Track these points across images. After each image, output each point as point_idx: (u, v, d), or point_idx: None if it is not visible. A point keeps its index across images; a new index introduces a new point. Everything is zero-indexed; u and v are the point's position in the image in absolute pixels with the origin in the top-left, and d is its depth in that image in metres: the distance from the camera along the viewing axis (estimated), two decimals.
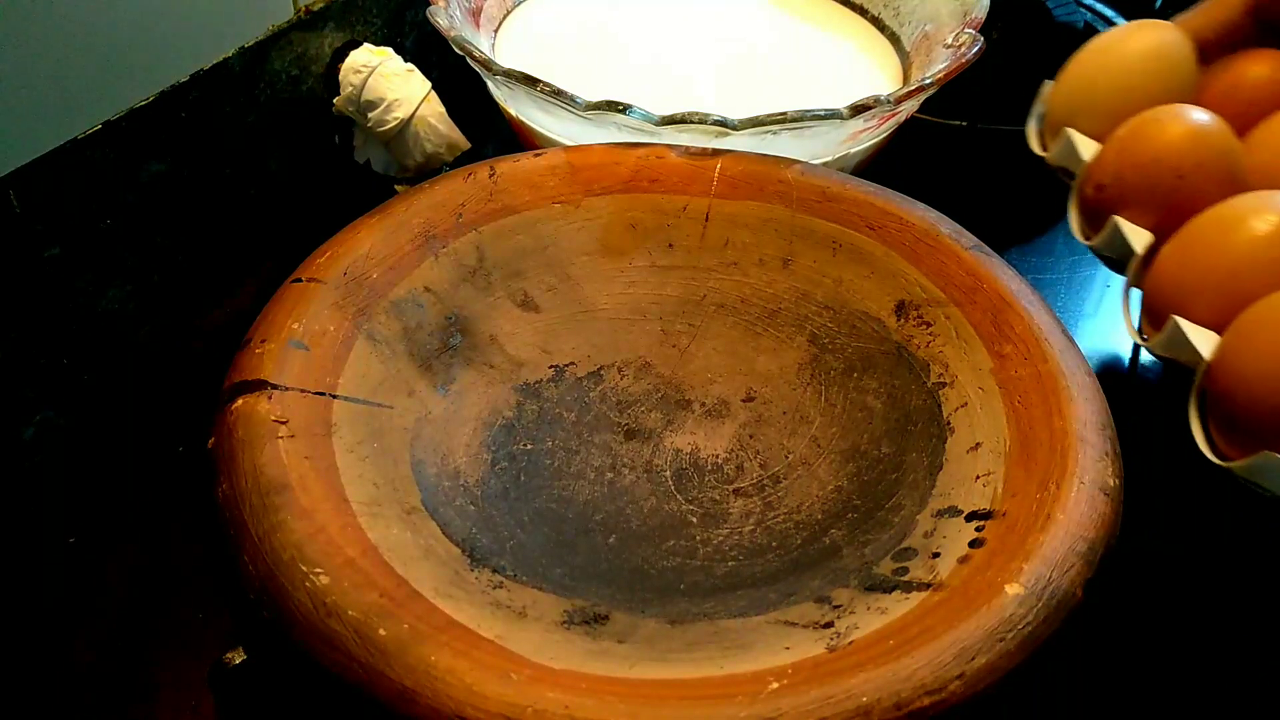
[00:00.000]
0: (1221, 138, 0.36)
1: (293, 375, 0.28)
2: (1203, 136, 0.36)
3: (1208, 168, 0.36)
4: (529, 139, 0.44)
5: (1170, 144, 0.36)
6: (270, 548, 0.24)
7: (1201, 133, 0.36)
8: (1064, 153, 0.40)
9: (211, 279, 0.42)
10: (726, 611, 0.26)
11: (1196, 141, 0.36)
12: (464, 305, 0.34)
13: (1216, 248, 0.33)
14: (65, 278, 0.35)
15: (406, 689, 0.22)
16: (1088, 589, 0.25)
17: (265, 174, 0.44)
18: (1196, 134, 0.36)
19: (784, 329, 0.35)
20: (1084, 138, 0.40)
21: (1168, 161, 0.36)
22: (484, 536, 0.28)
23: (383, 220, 0.33)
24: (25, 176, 0.33)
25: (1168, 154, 0.36)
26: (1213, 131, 0.36)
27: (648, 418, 0.34)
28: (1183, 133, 0.36)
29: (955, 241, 0.34)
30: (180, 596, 0.34)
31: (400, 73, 0.45)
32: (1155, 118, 0.37)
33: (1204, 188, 0.35)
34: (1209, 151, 0.36)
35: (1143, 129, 0.37)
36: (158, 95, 0.37)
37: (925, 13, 0.49)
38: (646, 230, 0.36)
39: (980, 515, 0.27)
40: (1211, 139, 0.36)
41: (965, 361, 0.32)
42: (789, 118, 0.38)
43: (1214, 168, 0.36)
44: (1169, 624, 0.35)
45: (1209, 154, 0.36)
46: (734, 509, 0.31)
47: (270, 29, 0.42)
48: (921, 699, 0.22)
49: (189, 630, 0.33)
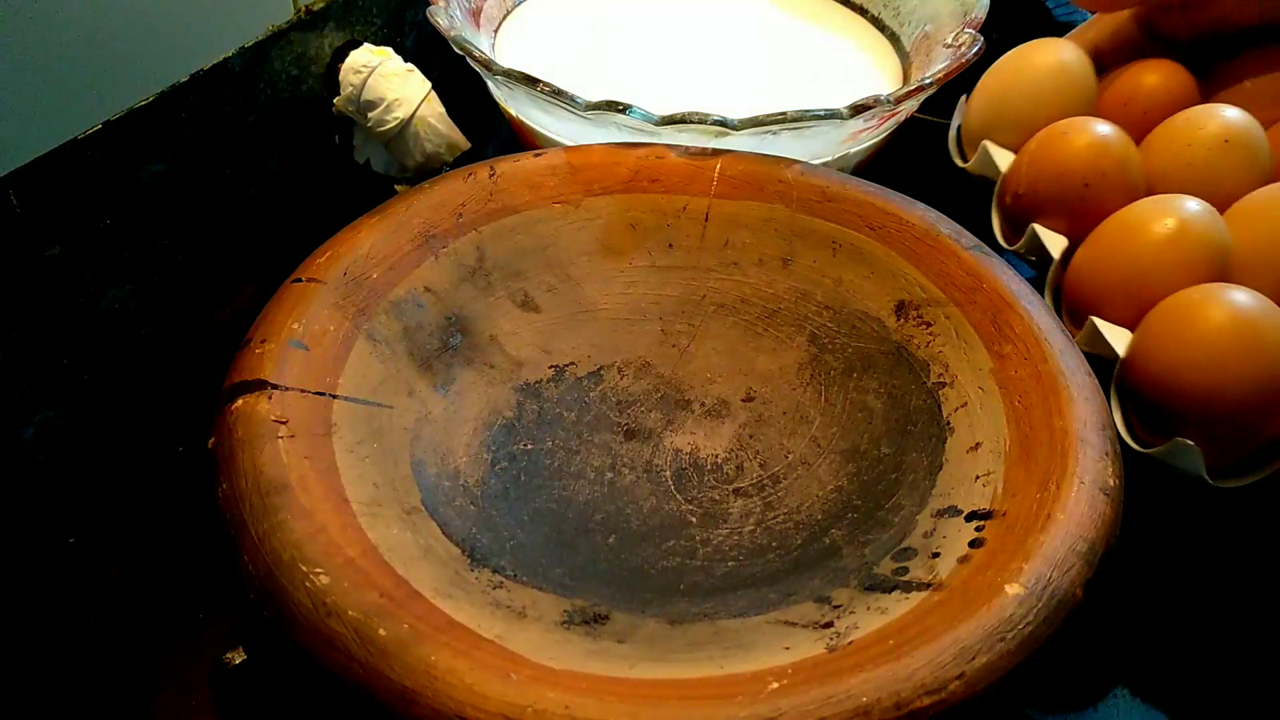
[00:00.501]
0: (1121, 146, 0.39)
1: (293, 375, 0.28)
2: (1104, 147, 0.39)
3: (1110, 176, 0.38)
4: (529, 139, 0.44)
5: (1075, 155, 0.39)
6: (270, 548, 0.24)
7: (1103, 143, 0.39)
8: (982, 163, 0.43)
9: (211, 279, 0.42)
10: (726, 611, 0.26)
11: (1099, 152, 0.39)
12: (464, 305, 0.34)
13: (1122, 251, 0.36)
14: (65, 278, 0.35)
15: (406, 689, 0.22)
16: (1088, 589, 0.25)
17: (265, 174, 0.44)
18: (1098, 145, 0.39)
19: (784, 329, 0.35)
20: (999, 149, 0.43)
21: (1075, 171, 0.39)
22: (484, 536, 0.28)
23: (383, 220, 0.33)
24: (25, 176, 0.33)
25: (1074, 164, 0.39)
26: (1113, 141, 0.39)
27: (648, 418, 0.34)
28: (1086, 144, 0.39)
29: (955, 241, 0.34)
30: (180, 596, 0.34)
31: (400, 73, 0.45)
32: (1062, 130, 0.40)
33: (1108, 195, 0.38)
34: (1110, 160, 0.38)
35: (1050, 141, 0.40)
36: (158, 95, 0.37)
37: (925, 13, 0.49)
38: (646, 230, 0.36)
39: (980, 515, 0.27)
40: (1112, 148, 0.39)
41: (965, 361, 0.32)
42: (789, 118, 0.38)
43: (1116, 175, 0.38)
44: (1168, 624, 0.35)
45: (1110, 163, 0.38)
46: (734, 509, 0.31)
47: (270, 29, 0.41)
48: (921, 699, 0.22)
49: (189, 630, 0.33)
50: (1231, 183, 0.38)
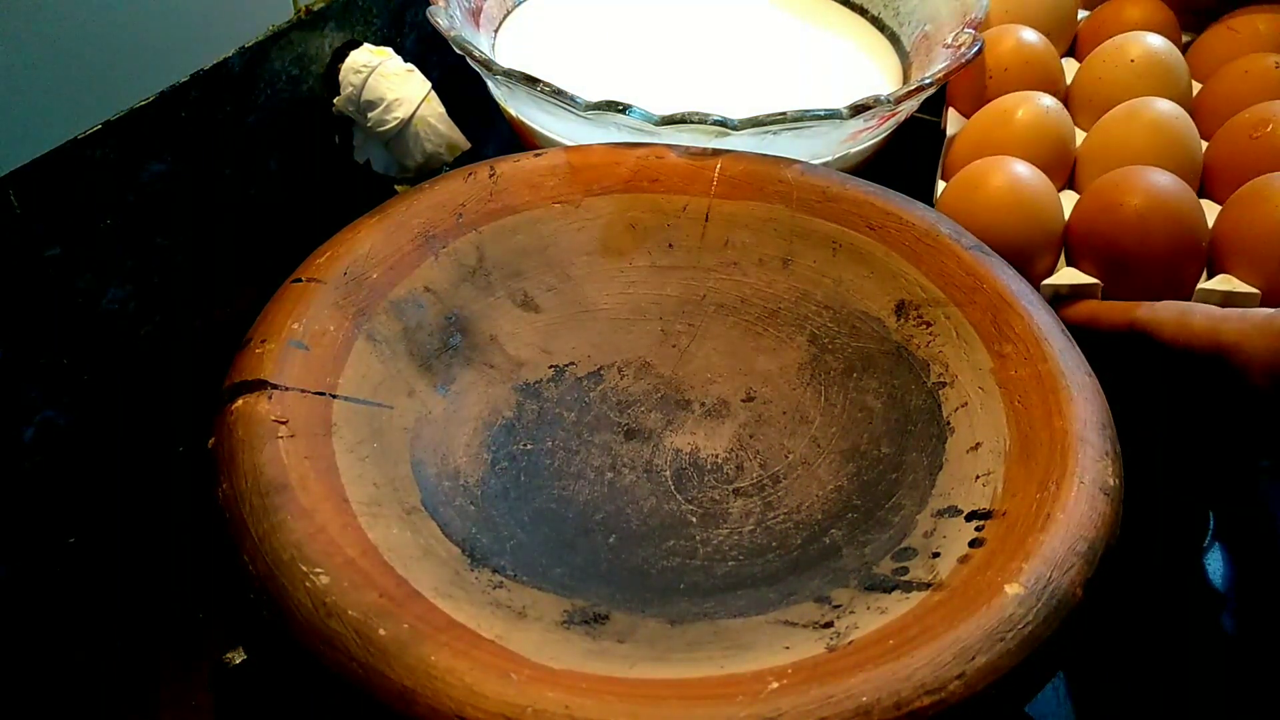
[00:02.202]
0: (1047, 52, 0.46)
1: (293, 375, 0.28)
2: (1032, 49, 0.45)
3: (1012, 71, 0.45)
4: (529, 139, 0.44)
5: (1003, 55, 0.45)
6: (270, 548, 0.24)
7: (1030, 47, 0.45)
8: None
9: (211, 279, 0.42)
10: (726, 611, 0.26)
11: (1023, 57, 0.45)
12: (464, 305, 0.34)
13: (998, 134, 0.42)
14: (65, 278, 0.35)
15: (406, 689, 0.22)
16: (1088, 589, 0.25)
17: (265, 174, 0.44)
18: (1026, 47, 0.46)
19: (784, 329, 0.35)
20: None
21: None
22: (484, 536, 0.28)
23: (383, 220, 0.33)
24: (25, 176, 0.33)
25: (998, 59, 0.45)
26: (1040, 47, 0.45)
27: (648, 418, 0.34)
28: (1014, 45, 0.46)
29: (955, 241, 0.34)
30: (180, 596, 0.34)
31: (400, 73, 0.45)
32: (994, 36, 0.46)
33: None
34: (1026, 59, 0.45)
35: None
36: (158, 95, 0.37)
37: (925, 13, 0.49)
38: (646, 230, 0.36)
39: (980, 515, 0.27)
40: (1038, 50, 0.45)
41: (965, 361, 0.32)
42: (789, 118, 0.38)
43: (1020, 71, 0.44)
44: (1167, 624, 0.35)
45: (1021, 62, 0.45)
46: (734, 509, 0.31)
47: (270, 29, 0.41)
48: (921, 699, 0.22)
49: (189, 630, 0.33)
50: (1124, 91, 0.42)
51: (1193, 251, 0.36)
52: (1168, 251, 0.35)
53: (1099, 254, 0.36)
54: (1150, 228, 0.35)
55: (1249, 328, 0.31)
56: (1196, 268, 0.36)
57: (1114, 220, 0.36)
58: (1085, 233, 0.37)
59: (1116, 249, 0.36)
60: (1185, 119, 0.40)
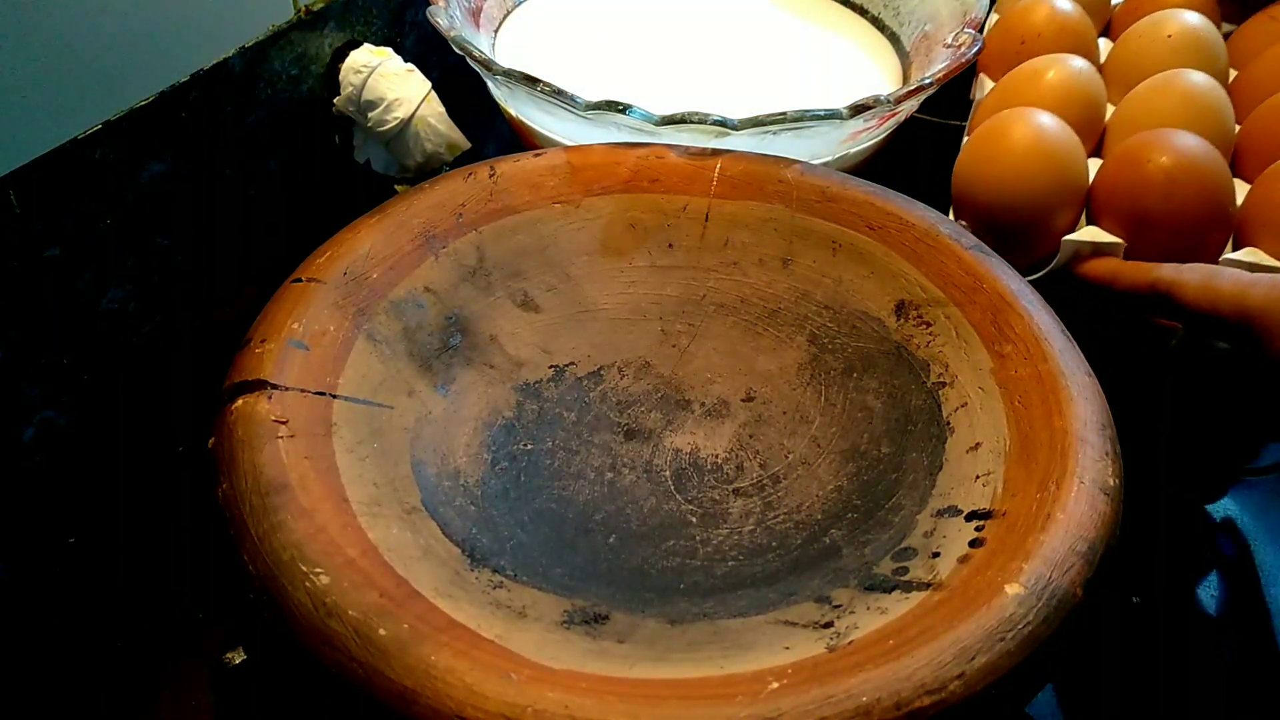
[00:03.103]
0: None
1: (293, 375, 0.28)
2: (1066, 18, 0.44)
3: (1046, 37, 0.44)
4: (529, 139, 0.44)
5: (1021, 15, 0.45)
6: (270, 548, 0.24)
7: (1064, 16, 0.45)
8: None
9: (211, 279, 0.42)
10: (726, 611, 0.26)
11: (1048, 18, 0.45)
12: (464, 305, 0.34)
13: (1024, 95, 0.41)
14: (65, 278, 0.35)
15: (406, 689, 0.22)
16: (1088, 589, 0.25)
17: (265, 174, 0.44)
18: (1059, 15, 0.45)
19: (784, 329, 0.35)
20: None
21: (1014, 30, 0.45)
22: (484, 536, 0.28)
23: (383, 220, 0.33)
24: (25, 176, 0.33)
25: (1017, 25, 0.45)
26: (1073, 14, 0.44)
27: (648, 418, 0.34)
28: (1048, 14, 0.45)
29: (955, 241, 0.34)
30: (180, 596, 0.34)
31: (400, 73, 0.45)
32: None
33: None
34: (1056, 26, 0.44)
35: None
36: (158, 95, 0.37)
37: (925, 13, 0.49)
38: (646, 230, 0.36)
39: (980, 515, 0.27)
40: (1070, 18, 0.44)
41: (965, 361, 0.32)
42: (789, 118, 0.38)
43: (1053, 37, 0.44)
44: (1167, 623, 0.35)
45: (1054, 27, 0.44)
46: (734, 509, 0.31)
47: (270, 29, 0.41)
48: (921, 699, 0.22)
49: (189, 630, 0.33)
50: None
51: (1219, 216, 0.35)
52: (1194, 213, 0.34)
53: (1123, 212, 0.35)
54: (1177, 188, 0.34)
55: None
56: (1222, 235, 0.35)
57: (1140, 178, 0.35)
58: (1110, 190, 0.36)
59: (1141, 207, 0.35)
60: (1219, 92, 0.39)
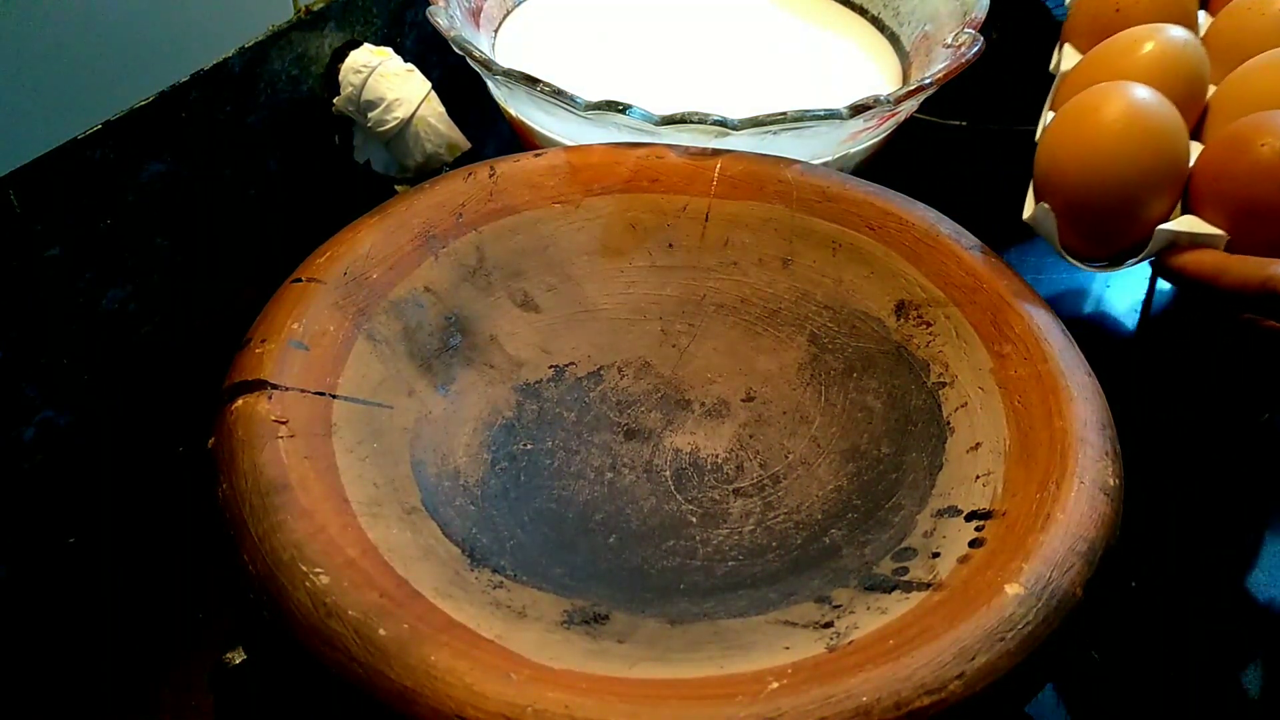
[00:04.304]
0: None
1: (293, 375, 0.28)
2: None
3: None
4: (529, 139, 0.44)
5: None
6: (270, 548, 0.24)
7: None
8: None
9: (211, 279, 0.42)
10: (726, 611, 0.26)
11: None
12: (464, 305, 0.34)
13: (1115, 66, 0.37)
14: (65, 278, 0.35)
15: (406, 689, 0.22)
16: (1088, 589, 0.25)
17: (265, 174, 0.44)
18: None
19: (784, 329, 0.35)
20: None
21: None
22: (484, 536, 0.28)
23: (383, 220, 0.33)
24: (25, 176, 0.33)
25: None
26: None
27: (648, 418, 0.34)
28: None
29: (955, 241, 0.34)
30: (180, 596, 0.34)
31: (400, 73, 0.45)
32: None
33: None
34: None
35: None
36: (158, 95, 0.37)
37: (925, 13, 0.49)
38: (646, 230, 0.36)
39: (980, 515, 0.27)
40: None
41: (965, 361, 0.32)
42: (789, 118, 0.38)
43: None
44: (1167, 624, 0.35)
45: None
46: (734, 509, 0.31)
47: (270, 29, 0.41)
48: (921, 699, 0.22)
49: (189, 630, 0.33)
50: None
51: None
52: None
53: (1227, 201, 0.32)
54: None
55: None
56: None
57: (1248, 164, 0.32)
58: (1213, 177, 0.33)
59: (1249, 196, 0.32)
60: None
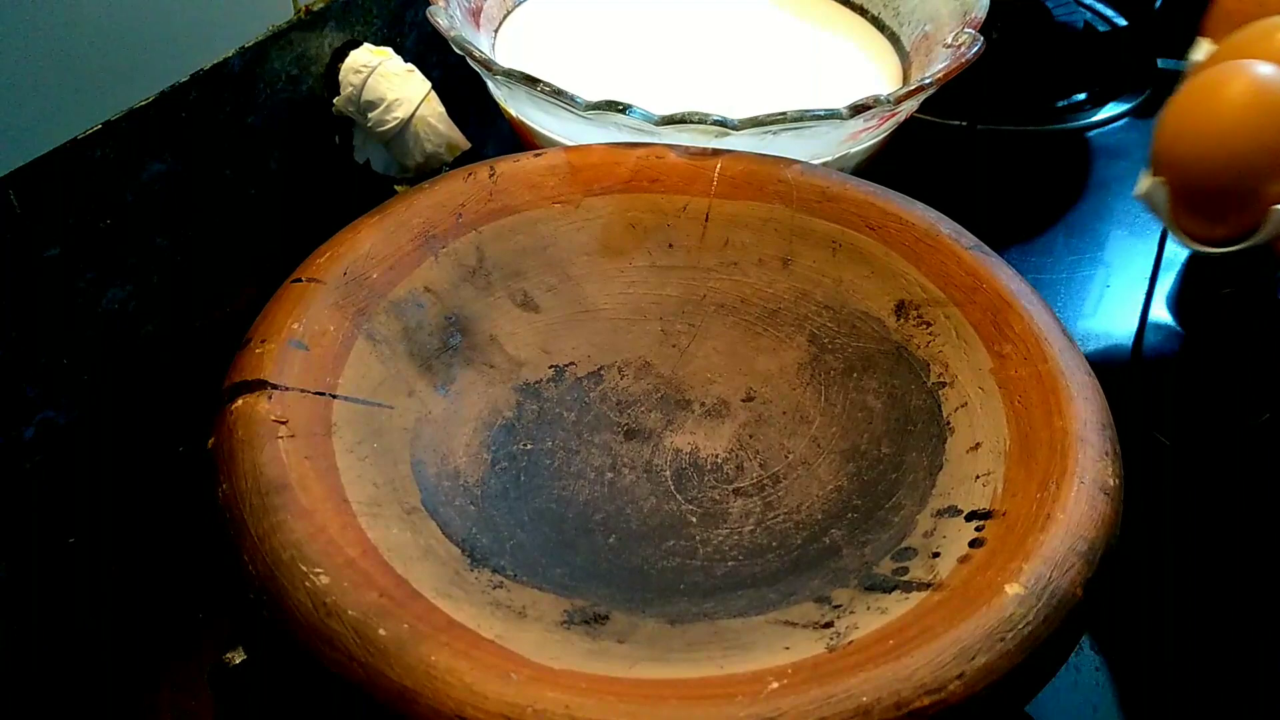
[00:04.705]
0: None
1: (293, 375, 0.28)
2: None
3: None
4: (529, 139, 0.44)
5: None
6: (270, 548, 0.24)
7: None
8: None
9: (211, 279, 0.42)
10: (726, 611, 0.26)
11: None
12: (464, 305, 0.34)
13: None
14: (65, 278, 0.35)
15: (406, 689, 0.22)
16: (1088, 589, 0.25)
17: (265, 174, 0.44)
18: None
19: (784, 329, 0.35)
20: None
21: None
22: (484, 536, 0.28)
23: (383, 220, 0.33)
24: (25, 176, 0.33)
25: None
26: None
27: (648, 418, 0.34)
28: None
29: (955, 241, 0.34)
30: (180, 596, 0.34)
31: (400, 73, 0.45)
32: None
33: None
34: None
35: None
36: (158, 95, 0.37)
37: (925, 13, 0.49)
38: (646, 230, 0.36)
39: (980, 515, 0.27)
40: None
41: (965, 361, 0.32)
42: (789, 118, 0.38)
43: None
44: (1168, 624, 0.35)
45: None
46: (734, 509, 0.31)
47: (270, 29, 0.42)
48: (921, 699, 0.22)
49: (189, 630, 0.33)
50: None
51: None
52: None
53: None
54: None
55: None
56: None
57: None
58: None
59: None
60: None
